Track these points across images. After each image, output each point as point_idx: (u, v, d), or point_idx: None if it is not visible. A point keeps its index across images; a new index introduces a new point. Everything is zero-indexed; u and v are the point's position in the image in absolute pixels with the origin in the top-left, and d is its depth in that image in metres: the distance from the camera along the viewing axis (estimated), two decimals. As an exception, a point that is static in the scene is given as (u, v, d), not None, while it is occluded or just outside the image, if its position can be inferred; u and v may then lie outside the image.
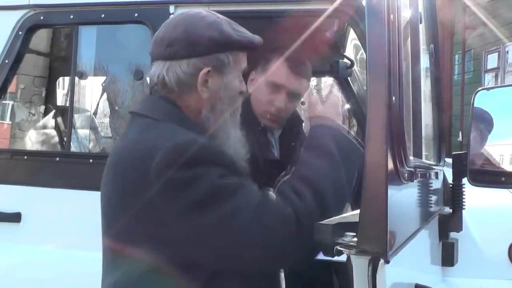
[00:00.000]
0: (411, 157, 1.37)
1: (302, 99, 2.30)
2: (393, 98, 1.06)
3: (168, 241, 1.28)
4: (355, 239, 1.12)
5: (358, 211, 1.17)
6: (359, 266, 1.12)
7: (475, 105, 1.97)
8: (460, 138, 9.34)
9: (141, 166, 1.28)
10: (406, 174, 1.19)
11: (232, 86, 1.48)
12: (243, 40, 1.46)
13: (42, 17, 2.37)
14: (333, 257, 1.18)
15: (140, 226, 1.30)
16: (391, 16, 1.09)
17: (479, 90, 2.02)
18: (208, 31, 1.41)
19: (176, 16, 1.49)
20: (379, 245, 1.03)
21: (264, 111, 2.20)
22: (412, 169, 1.25)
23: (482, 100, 1.98)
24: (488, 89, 2.08)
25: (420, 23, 1.73)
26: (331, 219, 1.24)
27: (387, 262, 1.06)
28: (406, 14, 1.53)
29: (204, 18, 1.44)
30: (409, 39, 1.63)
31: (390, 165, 1.06)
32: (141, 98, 1.56)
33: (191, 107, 1.44)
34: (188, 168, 1.26)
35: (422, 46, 1.89)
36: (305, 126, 2.21)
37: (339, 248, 1.14)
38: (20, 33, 2.37)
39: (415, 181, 1.32)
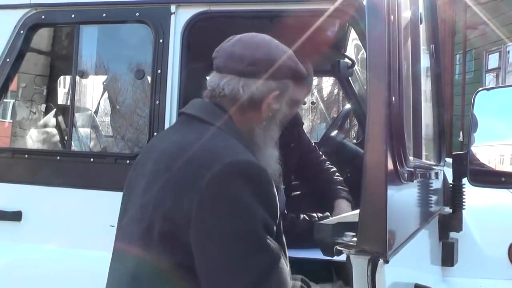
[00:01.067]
0: (411, 157, 1.37)
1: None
2: (393, 98, 1.06)
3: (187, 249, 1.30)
4: (355, 239, 1.12)
5: (357, 211, 1.17)
6: (359, 265, 1.13)
7: (475, 105, 1.97)
8: (461, 138, 9.33)
9: (198, 170, 1.31)
10: (406, 174, 1.20)
11: (285, 111, 1.58)
12: (303, 71, 1.59)
13: (43, 16, 2.37)
14: (332, 256, 1.18)
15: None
16: (392, 17, 1.09)
17: (480, 91, 2.02)
18: (287, 59, 1.52)
19: (254, 36, 1.56)
20: (379, 245, 1.04)
21: None
22: (412, 169, 1.26)
23: (482, 101, 1.99)
24: (488, 89, 2.08)
25: (421, 23, 1.73)
26: (331, 218, 1.25)
27: (386, 262, 1.07)
28: (406, 14, 1.53)
29: (279, 45, 1.55)
30: (410, 39, 1.63)
31: (390, 165, 1.06)
32: (197, 103, 1.56)
33: (247, 123, 1.51)
34: (239, 191, 1.29)
35: (423, 46, 1.89)
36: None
37: (338, 247, 1.14)
38: (22, 32, 2.37)
39: (415, 181, 1.32)
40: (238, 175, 1.30)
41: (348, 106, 3.86)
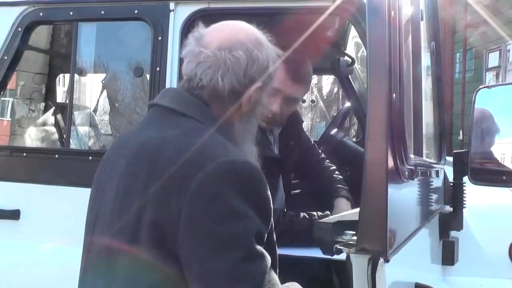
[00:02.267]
0: (412, 155, 1.36)
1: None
2: (394, 95, 1.05)
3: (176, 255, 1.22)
4: (355, 237, 1.11)
5: (357, 209, 1.16)
6: (359, 264, 1.12)
7: (476, 104, 1.96)
8: (461, 137, 9.32)
9: (186, 170, 1.21)
10: (406, 172, 1.19)
11: (267, 103, 1.48)
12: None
13: (41, 14, 2.36)
14: (332, 255, 1.17)
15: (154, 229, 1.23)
16: (392, 13, 1.08)
17: (481, 89, 2.01)
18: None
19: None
20: (379, 243, 1.03)
21: None
22: (413, 167, 1.25)
23: (483, 99, 1.98)
24: (489, 87, 2.07)
25: (422, 20, 1.72)
26: (331, 217, 1.24)
27: (386, 261, 1.06)
28: (407, 11, 1.52)
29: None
30: (410, 36, 1.62)
31: (391, 162, 1.05)
32: (171, 93, 1.44)
33: (226, 116, 1.39)
34: (235, 194, 1.20)
35: (423, 44, 1.88)
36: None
37: (338, 246, 1.13)
38: (20, 29, 2.36)
39: (415, 179, 1.31)
40: (233, 176, 1.21)
41: (348, 104, 3.86)
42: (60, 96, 3.79)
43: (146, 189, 1.24)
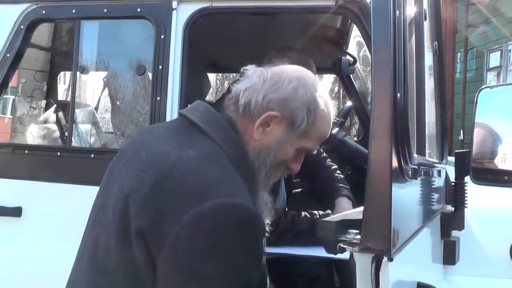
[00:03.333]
0: (415, 155, 1.36)
1: None
2: (398, 94, 1.06)
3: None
4: (358, 236, 1.11)
5: (361, 208, 1.16)
6: (362, 263, 1.12)
7: (478, 104, 1.96)
8: (461, 137, 9.33)
9: (186, 200, 1.20)
10: (410, 172, 1.19)
11: (286, 148, 1.41)
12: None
13: (44, 11, 2.36)
14: (336, 254, 1.17)
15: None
16: (397, 12, 1.08)
17: (483, 89, 2.01)
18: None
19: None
20: (383, 242, 1.03)
21: None
22: (416, 167, 1.25)
23: (485, 99, 1.98)
24: (491, 87, 2.06)
25: (425, 20, 1.72)
26: (334, 216, 1.24)
27: (390, 259, 1.06)
28: (411, 11, 1.52)
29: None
30: (414, 36, 1.62)
31: (395, 162, 1.05)
32: (200, 107, 1.43)
33: (245, 139, 1.39)
34: (229, 238, 1.19)
35: (426, 44, 1.88)
36: None
37: (342, 245, 1.13)
38: (22, 27, 2.36)
39: (418, 178, 1.31)
40: (229, 221, 1.19)
41: (349, 103, 3.86)
42: (62, 94, 3.79)
43: (145, 200, 1.25)
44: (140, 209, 1.24)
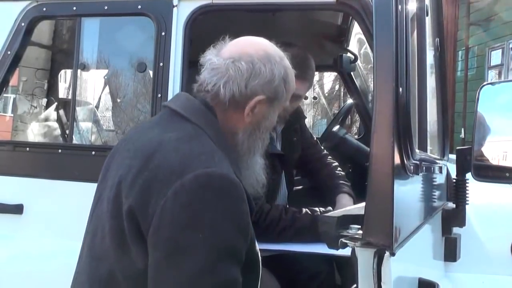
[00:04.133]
0: (417, 150, 1.36)
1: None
2: (400, 89, 1.05)
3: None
4: (360, 231, 1.11)
5: (362, 204, 1.16)
6: (364, 259, 1.12)
7: (480, 100, 1.96)
8: (462, 135, 9.33)
9: (168, 176, 1.27)
10: (412, 167, 1.19)
11: (272, 117, 1.53)
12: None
13: (44, 9, 2.36)
14: (337, 250, 1.17)
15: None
16: (399, 7, 1.08)
17: (484, 85, 2.00)
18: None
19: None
20: (385, 237, 1.03)
21: None
22: (418, 162, 1.25)
23: (487, 95, 1.97)
24: (493, 83, 2.06)
25: (427, 15, 1.72)
26: (335, 211, 1.24)
27: (392, 254, 1.06)
28: (413, 6, 1.52)
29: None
30: (416, 32, 1.62)
31: (397, 157, 1.05)
32: (182, 97, 1.52)
33: (229, 125, 1.46)
34: (205, 206, 1.24)
35: (428, 40, 1.88)
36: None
37: (343, 240, 1.13)
38: (23, 24, 2.35)
39: (420, 174, 1.31)
40: (207, 188, 1.25)
41: (350, 101, 3.85)
42: (62, 91, 3.79)
43: (132, 183, 1.31)
44: (129, 191, 1.31)
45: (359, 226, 1.12)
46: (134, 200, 1.28)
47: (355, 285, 1.19)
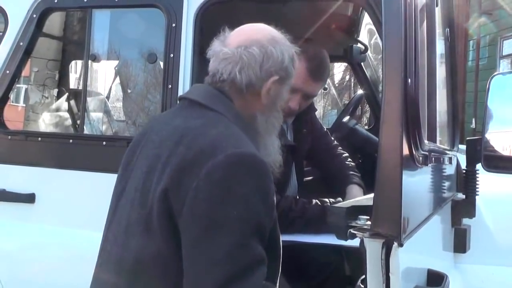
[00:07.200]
0: (426, 141, 1.36)
1: None
2: (409, 80, 1.05)
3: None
4: (369, 222, 1.12)
5: (371, 195, 1.16)
6: (373, 249, 1.12)
7: (490, 90, 1.95)
8: (473, 125, 9.26)
9: (199, 157, 1.32)
10: (420, 158, 1.19)
11: (285, 97, 1.63)
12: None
13: (56, 0, 2.37)
14: (346, 240, 1.18)
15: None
16: (408, -2, 1.07)
17: (495, 75, 1.99)
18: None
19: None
20: (393, 228, 1.03)
21: None
22: (427, 153, 1.25)
23: (498, 85, 1.96)
24: (504, 73, 2.05)
25: (437, 6, 1.71)
26: (345, 202, 1.25)
27: (400, 245, 1.06)
28: (422, -4, 1.51)
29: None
30: (425, 22, 1.61)
31: (405, 147, 1.05)
32: (198, 88, 1.59)
33: (248, 109, 1.53)
34: (238, 183, 1.30)
35: (438, 31, 1.87)
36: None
37: (352, 231, 1.14)
38: (34, 16, 2.37)
39: (429, 165, 1.31)
40: (240, 167, 1.32)
41: (360, 92, 3.84)
42: (74, 82, 3.81)
43: (163, 169, 1.36)
44: (160, 176, 1.36)
45: (368, 217, 1.13)
46: (167, 183, 1.33)
47: (363, 276, 1.19)
